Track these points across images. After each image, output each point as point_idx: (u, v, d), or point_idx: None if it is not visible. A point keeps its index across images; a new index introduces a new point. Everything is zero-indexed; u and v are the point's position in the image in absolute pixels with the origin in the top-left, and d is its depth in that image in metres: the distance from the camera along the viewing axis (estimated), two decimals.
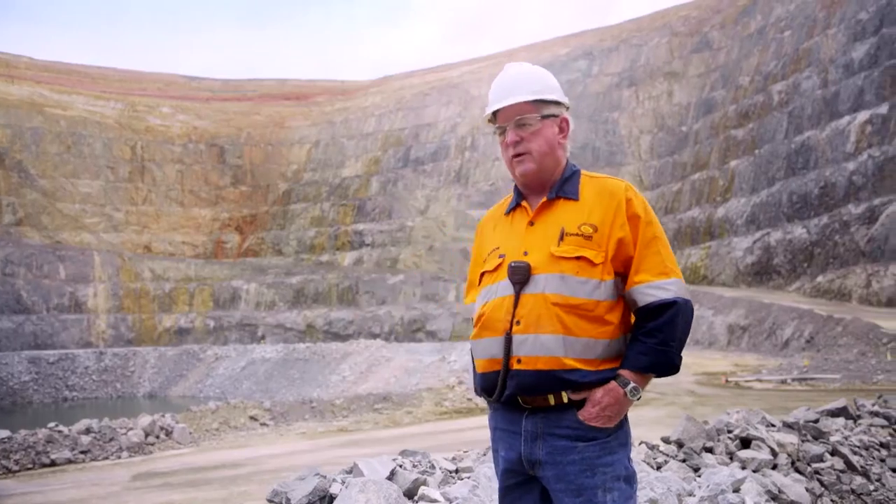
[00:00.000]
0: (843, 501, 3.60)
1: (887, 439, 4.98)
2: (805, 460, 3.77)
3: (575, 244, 2.12)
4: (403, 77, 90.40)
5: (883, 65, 39.62)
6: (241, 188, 73.76)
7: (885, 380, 20.74)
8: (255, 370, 45.91)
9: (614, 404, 2.07)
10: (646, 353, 2.07)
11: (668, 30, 66.38)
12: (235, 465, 12.63)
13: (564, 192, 2.25)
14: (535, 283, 2.11)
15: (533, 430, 2.14)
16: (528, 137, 2.27)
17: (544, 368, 2.07)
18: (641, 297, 2.10)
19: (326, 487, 2.90)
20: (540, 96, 2.29)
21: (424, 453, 3.57)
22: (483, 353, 2.23)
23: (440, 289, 57.63)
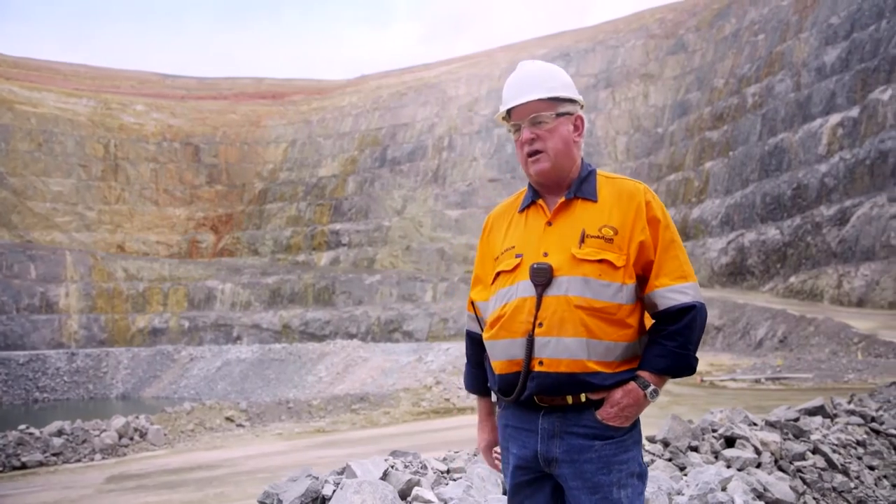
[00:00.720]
0: (824, 499, 3.64)
1: (863, 437, 5.04)
2: (787, 458, 3.81)
3: (596, 246, 2.12)
4: (380, 77, 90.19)
5: (854, 69, 40.24)
6: (217, 187, 73.13)
7: (856, 378, 21.05)
8: (231, 371, 45.54)
9: (633, 405, 2.10)
10: (665, 356, 2.10)
11: (644, 32, 66.89)
12: (211, 467, 12.50)
13: (583, 193, 2.23)
14: (558, 285, 2.10)
15: (550, 429, 2.15)
16: (544, 135, 2.24)
17: (567, 371, 2.08)
18: (662, 301, 2.13)
19: (318, 488, 2.87)
20: (555, 94, 2.26)
21: (415, 454, 3.54)
22: (502, 354, 2.21)
23: (417, 289, 57.56)
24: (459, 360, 34.03)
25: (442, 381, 23.49)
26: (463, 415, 19.40)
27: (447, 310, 54.34)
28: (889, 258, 33.52)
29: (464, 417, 18.61)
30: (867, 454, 4.69)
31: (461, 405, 21.08)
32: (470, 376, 2.50)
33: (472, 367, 2.48)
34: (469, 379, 2.50)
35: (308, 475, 2.90)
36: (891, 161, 35.48)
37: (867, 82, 38.95)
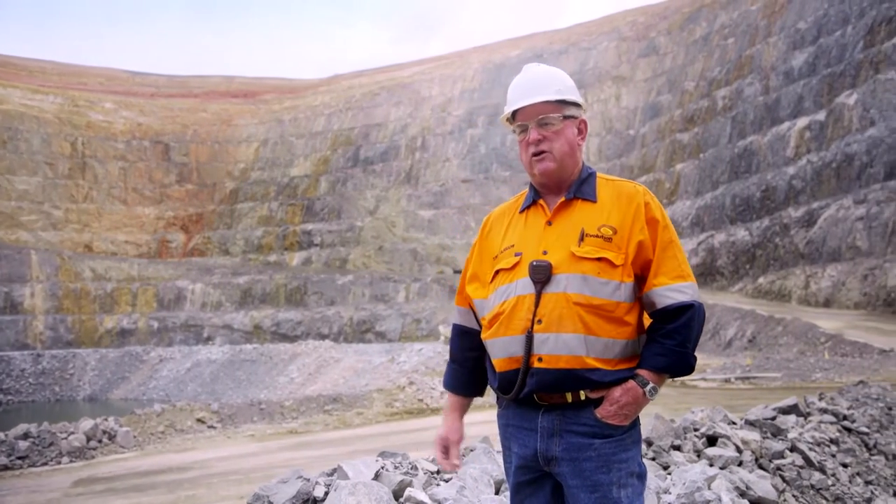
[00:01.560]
0: (803, 496, 3.69)
1: (836, 435, 5.13)
2: (767, 457, 3.86)
3: (595, 245, 2.15)
4: (353, 76, 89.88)
5: (821, 73, 40.93)
6: (187, 186, 72.32)
7: (823, 378, 21.38)
8: (201, 372, 45.06)
9: (632, 403, 2.12)
10: (664, 354, 2.13)
11: (616, 34, 67.44)
12: (182, 469, 12.34)
13: (582, 193, 2.26)
14: (557, 282, 2.13)
15: (549, 427, 2.17)
16: (551, 137, 2.27)
17: (566, 367, 2.10)
18: (660, 300, 2.16)
19: (310, 490, 2.83)
20: (563, 96, 2.30)
21: (404, 454, 3.52)
22: (502, 351, 2.23)
23: (390, 289, 57.42)
24: (432, 360, 34.01)
25: (415, 382, 23.44)
26: (436, 415, 19.38)
27: (420, 310, 54.30)
28: (854, 259, 34.14)
29: (437, 418, 18.59)
30: (840, 452, 4.76)
31: (434, 405, 21.05)
32: (450, 374, 2.49)
33: (452, 364, 2.48)
34: (448, 375, 2.50)
35: (299, 476, 2.87)
36: (856, 164, 36.15)
37: (833, 86, 39.65)
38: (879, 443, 5.66)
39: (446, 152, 69.45)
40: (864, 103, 36.84)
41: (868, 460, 5.13)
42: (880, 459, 5.29)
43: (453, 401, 2.47)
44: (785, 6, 47.03)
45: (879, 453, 5.47)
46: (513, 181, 65.48)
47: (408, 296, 56.69)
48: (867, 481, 4.57)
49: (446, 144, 69.84)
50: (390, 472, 2.88)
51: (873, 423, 6.48)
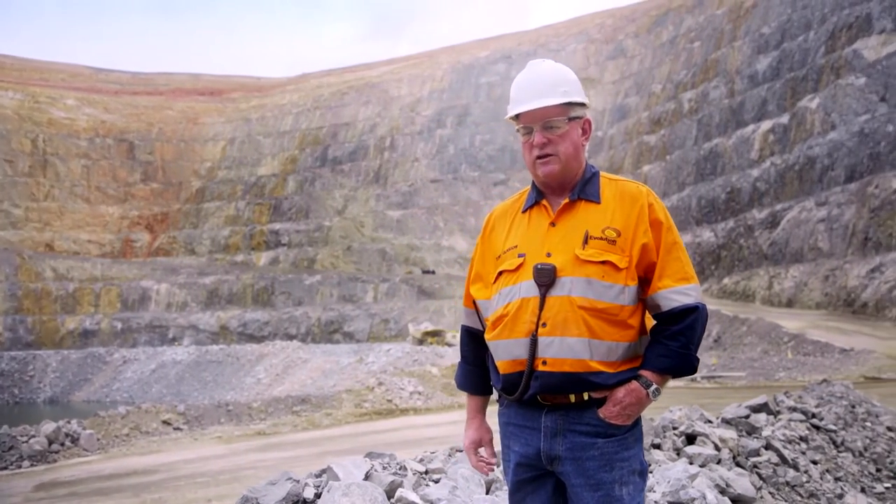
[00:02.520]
0: (779, 493, 3.74)
1: (805, 433, 5.22)
2: (744, 455, 3.92)
3: (599, 248, 2.15)
4: (321, 75, 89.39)
5: (784, 77, 41.66)
6: (152, 185, 71.29)
7: (786, 377, 21.76)
8: (166, 373, 44.45)
9: (636, 404, 2.14)
10: (668, 356, 2.14)
11: (584, 36, 67.97)
12: (148, 472, 12.13)
13: (586, 194, 2.25)
14: (562, 285, 2.13)
15: (553, 427, 2.18)
16: (556, 140, 2.24)
17: (570, 371, 2.11)
18: (665, 302, 2.16)
19: (299, 491, 2.78)
20: (569, 99, 2.26)
21: (391, 455, 3.48)
22: (505, 354, 2.22)
23: (358, 289, 57.18)
24: (401, 360, 33.94)
25: (384, 382, 23.35)
26: (406, 416, 19.33)
27: (388, 311, 54.14)
28: (816, 260, 34.79)
29: (406, 418, 18.54)
30: (810, 449, 4.85)
31: (404, 406, 20.99)
32: (462, 374, 2.49)
33: (466, 365, 2.47)
34: (461, 377, 2.49)
35: (288, 478, 2.82)
36: (818, 167, 36.85)
37: (796, 90, 40.38)
38: (846, 440, 5.76)
39: (415, 152, 69.40)
40: (826, 107, 37.59)
41: (836, 457, 5.22)
42: (848, 456, 5.40)
43: (474, 403, 2.45)
44: (750, 11, 47.79)
45: (847, 450, 5.58)
46: (482, 181, 65.66)
47: (376, 296, 56.52)
48: (836, 478, 4.65)
49: (415, 144, 69.79)
50: (380, 472, 2.85)
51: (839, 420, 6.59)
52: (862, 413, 8.02)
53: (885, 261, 31.05)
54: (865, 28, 37.40)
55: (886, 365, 21.61)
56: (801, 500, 3.83)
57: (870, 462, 5.79)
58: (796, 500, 3.81)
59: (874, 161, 33.73)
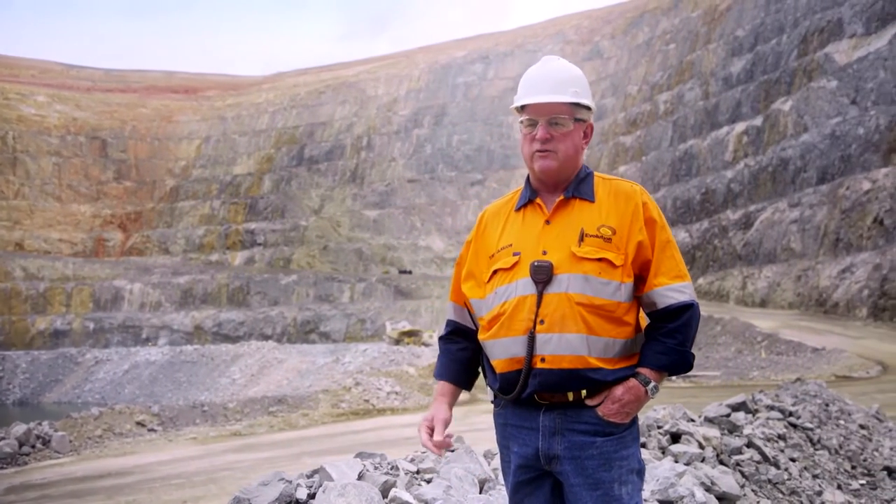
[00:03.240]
0: (761, 490, 3.78)
1: (783, 431, 5.28)
2: (726, 453, 3.96)
3: (595, 245, 2.16)
4: (298, 74, 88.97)
5: (758, 79, 42.15)
6: (125, 184, 70.46)
7: (760, 376, 22.02)
8: (139, 374, 43.92)
9: (634, 401, 2.15)
10: (665, 353, 2.16)
11: (561, 37, 68.30)
12: (121, 474, 11.97)
13: (580, 193, 2.26)
14: (559, 282, 2.14)
15: (551, 426, 2.18)
16: (559, 137, 2.25)
17: (569, 367, 2.12)
18: (661, 300, 2.18)
19: (292, 492, 2.75)
20: (579, 99, 2.28)
21: (382, 455, 3.46)
22: (503, 352, 2.22)
23: (334, 289, 56.96)
24: (377, 360, 33.81)
25: (361, 383, 23.26)
26: (383, 416, 19.27)
27: (365, 310, 53.98)
28: (789, 261, 35.25)
29: (384, 418, 18.49)
30: (788, 447, 4.91)
31: (381, 406, 20.94)
32: (441, 365, 2.46)
33: (445, 357, 2.45)
34: (440, 367, 2.46)
35: (281, 478, 2.79)
36: (791, 168, 37.33)
37: (770, 93, 40.88)
38: (822, 438, 5.84)
39: (392, 152, 69.29)
40: (799, 110, 38.10)
41: (813, 455, 5.29)
42: (824, 454, 5.47)
43: (442, 387, 2.42)
44: (724, 14, 48.31)
45: (823, 448, 5.65)
46: (459, 181, 65.72)
47: (352, 296, 56.34)
48: (814, 475, 4.71)
49: (392, 144, 69.69)
50: (373, 472, 2.83)
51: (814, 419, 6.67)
52: (835, 411, 8.13)
53: (856, 261, 31.53)
54: (837, 32, 37.97)
55: (857, 364, 21.94)
56: (783, 498, 3.88)
57: (845, 459, 5.87)
58: (778, 497, 3.86)
59: (845, 163, 34.24)
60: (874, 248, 31.15)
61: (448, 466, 3.03)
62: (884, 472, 6.16)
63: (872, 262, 30.53)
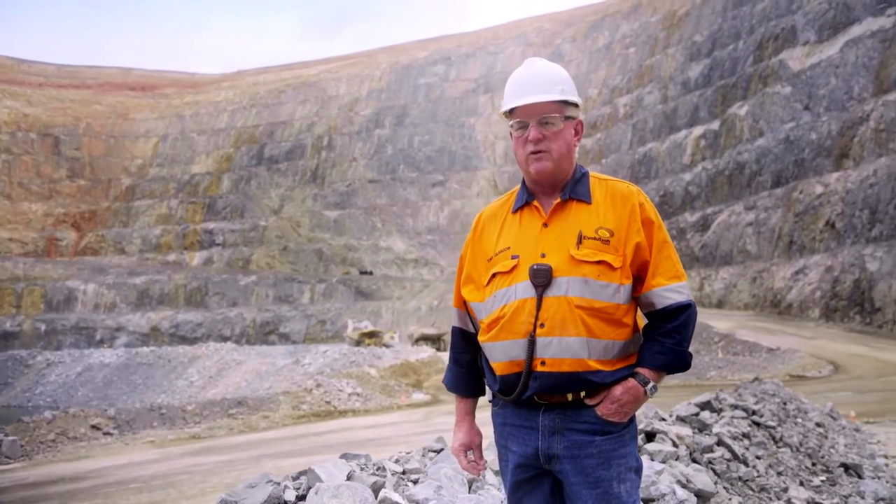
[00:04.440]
0: (733, 488, 3.84)
1: (747, 429, 5.38)
2: (699, 451, 4.00)
3: (594, 248, 2.17)
4: (258, 73, 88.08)
5: (715, 84, 42.92)
6: (79, 182, 68.93)
7: (717, 375, 22.42)
8: (93, 376, 42.98)
9: (633, 401, 2.16)
10: (664, 353, 2.17)
11: (522, 39, 68.70)
12: (76, 479, 11.66)
13: (577, 194, 2.26)
14: (558, 286, 2.14)
15: (551, 425, 2.18)
16: (551, 137, 2.24)
17: (569, 370, 2.13)
18: (659, 300, 2.19)
19: (280, 494, 2.69)
20: (566, 97, 2.27)
21: (367, 455, 3.41)
22: (503, 355, 2.22)
23: (294, 290, 56.48)
24: (338, 361, 33.58)
25: (322, 384, 23.10)
26: (344, 417, 19.14)
27: (325, 311, 53.61)
28: (745, 263, 35.95)
29: (345, 420, 18.36)
30: (753, 445, 4.99)
31: (342, 408, 20.79)
32: (453, 376, 2.47)
33: (456, 367, 2.46)
34: (453, 379, 2.47)
35: (269, 480, 2.72)
36: (747, 172, 38.09)
37: (727, 98, 41.67)
38: (784, 435, 5.95)
39: (353, 152, 68.96)
40: (754, 114, 38.90)
41: (776, 452, 5.39)
42: (787, 451, 5.57)
43: (464, 406, 2.44)
44: (682, 19, 49.09)
45: (785, 445, 5.76)
46: (420, 182, 65.68)
47: (313, 297, 55.92)
48: (778, 472, 4.80)
49: (353, 144, 69.37)
50: (360, 473, 2.80)
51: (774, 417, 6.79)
52: (793, 410, 8.29)
53: (809, 263, 32.29)
54: (791, 39, 38.87)
55: (810, 364, 22.47)
56: (753, 495, 3.94)
57: (805, 457, 5.98)
58: (749, 494, 3.92)
59: (799, 167, 35.06)
60: (826, 250, 31.95)
61: (436, 467, 3.02)
62: (841, 469, 6.29)
63: (824, 264, 31.31)
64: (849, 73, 33.99)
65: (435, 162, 65.98)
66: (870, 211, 30.10)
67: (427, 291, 53.47)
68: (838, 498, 5.09)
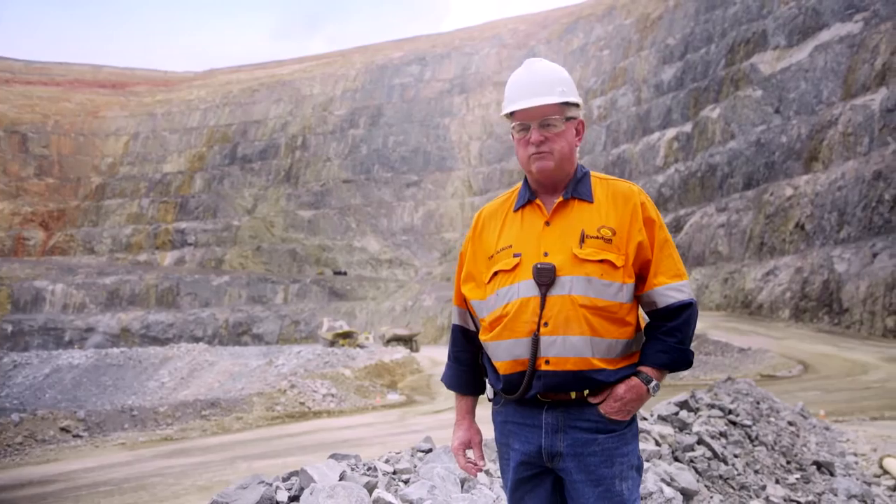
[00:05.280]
0: (714, 486, 3.87)
1: (724, 428, 5.43)
2: (680, 450, 4.03)
3: (596, 247, 2.18)
4: (231, 71, 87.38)
5: (688, 87, 43.37)
6: (48, 180, 67.82)
7: (689, 375, 22.62)
8: (61, 378, 42.26)
9: (636, 399, 2.17)
10: (666, 351, 2.19)
11: (497, 40, 68.88)
12: (44, 482, 11.46)
13: (579, 193, 2.27)
14: (562, 284, 2.15)
15: (554, 424, 2.19)
16: (553, 138, 2.25)
17: (573, 369, 2.14)
18: (661, 299, 2.21)
19: (272, 495, 2.66)
20: (567, 98, 2.27)
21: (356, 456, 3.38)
22: (506, 354, 2.22)
23: (268, 290, 56.07)
24: (312, 362, 33.36)
25: (296, 385, 22.90)
26: (319, 418, 19.01)
27: (299, 312, 53.27)
28: (717, 264, 36.36)
29: (320, 421, 18.23)
30: (730, 444, 5.04)
31: (317, 408, 20.64)
32: (453, 374, 2.46)
33: (456, 365, 2.45)
34: (453, 377, 2.46)
35: (260, 481, 2.69)
36: (719, 174, 38.54)
37: (699, 100, 42.13)
38: (759, 434, 6.02)
39: (327, 152, 68.64)
40: (726, 117, 39.37)
41: (753, 451, 5.46)
42: (762, 450, 5.64)
43: (464, 404, 2.44)
44: (656, 22, 49.54)
45: (761, 444, 5.84)
46: (394, 182, 65.56)
47: (286, 297, 55.56)
48: (755, 470, 4.85)
49: (327, 144, 69.06)
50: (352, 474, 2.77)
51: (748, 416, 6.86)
52: (766, 409, 8.39)
53: (779, 264, 32.75)
54: (762, 43, 39.40)
55: (780, 363, 22.78)
56: (733, 493, 3.98)
57: (780, 455, 6.06)
58: (729, 492, 3.96)
59: (769, 170, 35.55)
60: (796, 251, 32.43)
61: (428, 466, 3.01)
62: (813, 467, 6.38)
63: (794, 265, 31.77)
64: (818, 78, 34.54)
65: (409, 162, 65.92)
66: (838, 213, 30.60)
67: (401, 292, 53.38)
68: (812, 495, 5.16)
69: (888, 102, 29.93)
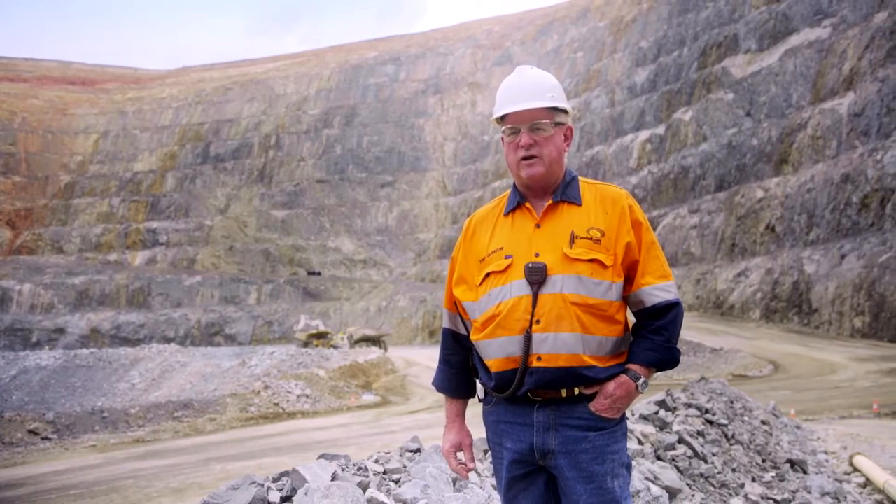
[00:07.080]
0: (695, 484, 3.92)
1: (702, 427, 5.49)
2: (662, 449, 4.07)
3: (586, 247, 2.26)
4: (203, 69, 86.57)
5: (661, 89, 43.78)
6: (14, 178, 66.62)
7: (663, 375, 22.82)
8: (28, 379, 41.53)
9: (625, 397, 2.24)
10: (654, 350, 2.27)
11: (472, 41, 68.99)
12: (11, 486, 11.27)
13: (568, 196, 2.35)
14: (553, 283, 2.23)
15: (545, 421, 2.26)
16: (542, 142, 2.34)
17: (565, 365, 2.21)
18: (649, 298, 2.29)
19: (265, 496, 2.64)
20: (556, 104, 2.36)
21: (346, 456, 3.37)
22: (499, 352, 2.29)
23: (241, 291, 55.61)
24: (285, 363, 33.15)
25: (270, 386, 22.75)
26: (293, 419, 18.91)
27: (272, 312, 52.89)
28: (689, 265, 36.74)
29: (294, 422, 18.14)
30: (707, 443, 5.10)
31: (291, 409, 20.53)
32: (444, 377, 2.52)
33: (447, 367, 2.51)
34: (443, 380, 2.52)
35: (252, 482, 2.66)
36: (691, 176, 38.95)
37: (672, 103, 42.55)
38: (735, 433, 6.10)
39: (301, 152, 68.25)
40: (698, 120, 39.82)
41: (730, 450, 5.53)
42: (738, 448, 5.72)
43: (454, 407, 2.50)
44: (629, 25, 49.94)
45: (737, 443, 5.91)
46: (369, 183, 65.36)
47: (259, 297, 55.14)
48: (733, 469, 4.91)
49: (301, 144, 68.66)
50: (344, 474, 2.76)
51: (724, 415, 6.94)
52: (739, 408, 8.50)
53: (750, 266, 33.18)
54: (733, 47, 39.91)
55: (752, 363, 23.08)
56: (714, 491, 4.03)
57: (755, 453, 6.13)
58: (710, 490, 4.00)
59: (741, 172, 36.01)
60: (766, 253, 32.87)
61: (420, 466, 3.02)
62: (787, 465, 6.47)
63: (765, 266, 32.21)
64: (788, 82, 35.06)
65: (384, 162, 65.77)
66: (808, 215, 31.08)
67: (376, 292, 53.23)
68: (787, 493, 5.23)
69: (855, 107, 30.46)
